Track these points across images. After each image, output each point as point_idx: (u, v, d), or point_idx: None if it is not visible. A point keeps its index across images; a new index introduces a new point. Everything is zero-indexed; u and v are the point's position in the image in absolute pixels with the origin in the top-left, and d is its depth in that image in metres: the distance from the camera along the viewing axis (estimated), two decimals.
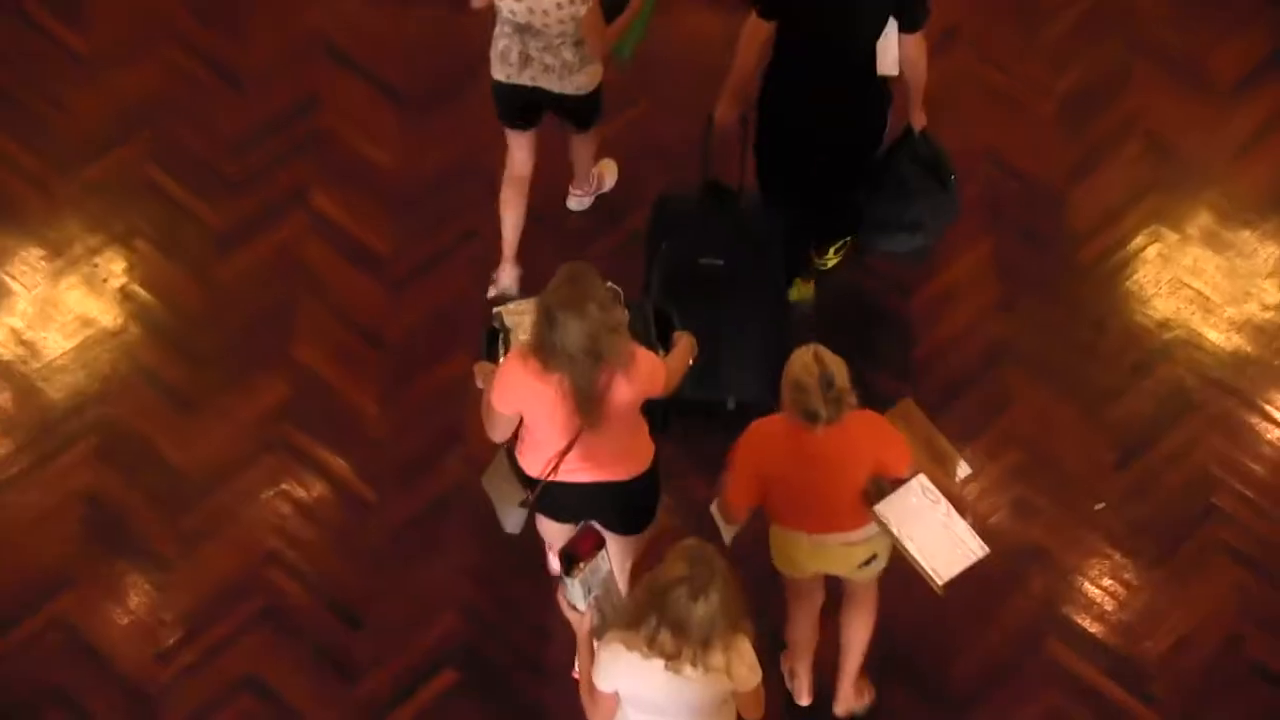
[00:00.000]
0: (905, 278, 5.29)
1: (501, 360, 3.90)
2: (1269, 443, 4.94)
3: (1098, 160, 5.63)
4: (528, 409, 3.65)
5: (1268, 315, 5.22)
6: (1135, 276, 5.34)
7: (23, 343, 5.10)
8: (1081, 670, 4.48)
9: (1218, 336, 5.17)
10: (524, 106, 4.82)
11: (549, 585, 4.29)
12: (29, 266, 5.27)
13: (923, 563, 3.60)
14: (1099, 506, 4.86)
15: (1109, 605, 4.61)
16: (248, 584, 4.60)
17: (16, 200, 5.47)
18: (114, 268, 5.30)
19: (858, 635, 4.14)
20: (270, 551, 4.66)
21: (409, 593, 4.63)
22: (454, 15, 5.54)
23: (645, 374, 3.58)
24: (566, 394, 3.49)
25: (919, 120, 4.51)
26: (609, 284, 3.57)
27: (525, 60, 4.64)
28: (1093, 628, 4.56)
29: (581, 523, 3.61)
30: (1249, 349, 5.16)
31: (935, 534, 3.61)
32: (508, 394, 3.61)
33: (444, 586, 4.64)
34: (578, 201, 5.46)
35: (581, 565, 3.10)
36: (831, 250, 5.15)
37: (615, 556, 3.71)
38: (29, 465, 4.81)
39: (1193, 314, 5.24)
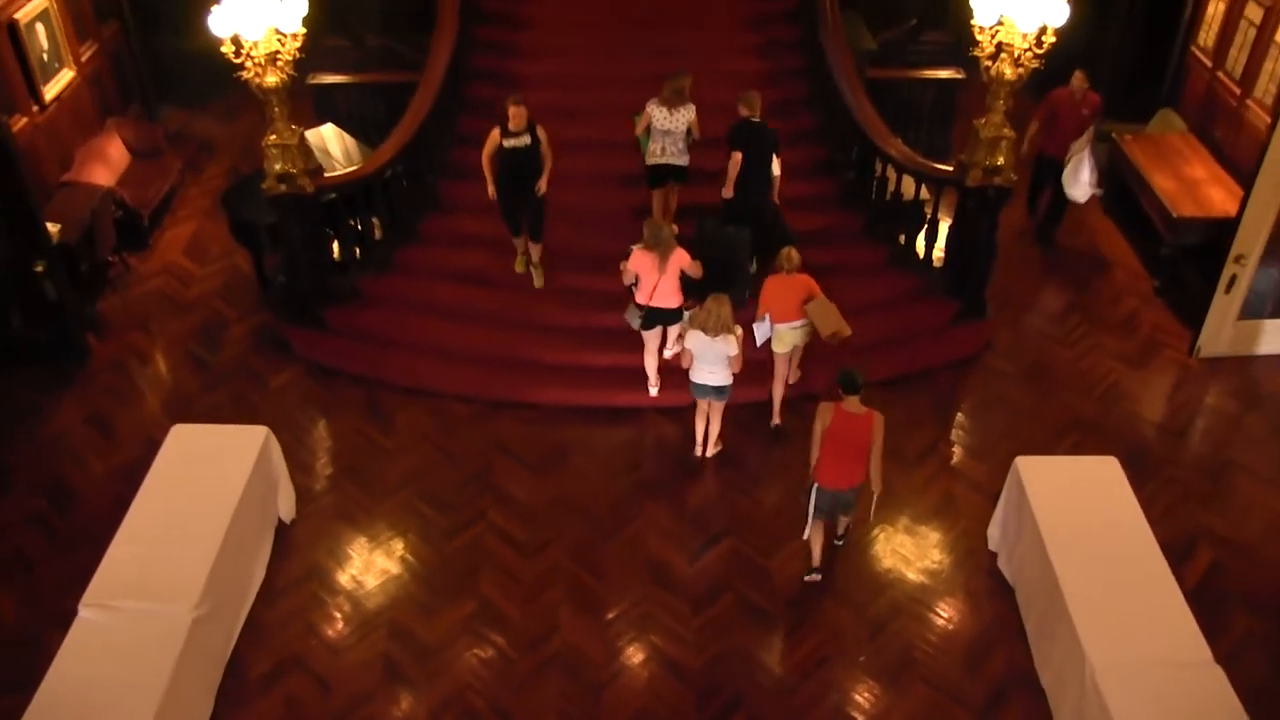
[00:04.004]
0: None
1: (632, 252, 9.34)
2: None
3: None
4: (641, 270, 9.21)
5: None
6: None
7: None
8: None
9: None
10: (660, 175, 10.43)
11: None
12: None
13: (816, 324, 9.06)
14: None
15: None
16: None
17: None
18: None
19: (781, 369, 9.59)
20: None
21: None
22: None
23: (682, 258, 9.17)
24: (655, 262, 9.12)
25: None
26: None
27: (663, 150, 10.25)
28: None
29: (657, 325, 9.45)
30: None
31: (823, 318, 9.07)
32: (634, 263, 9.26)
33: None
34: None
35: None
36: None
37: (670, 332, 9.67)
38: None
39: None
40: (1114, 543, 7.70)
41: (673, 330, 9.75)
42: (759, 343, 9.37)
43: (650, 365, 9.88)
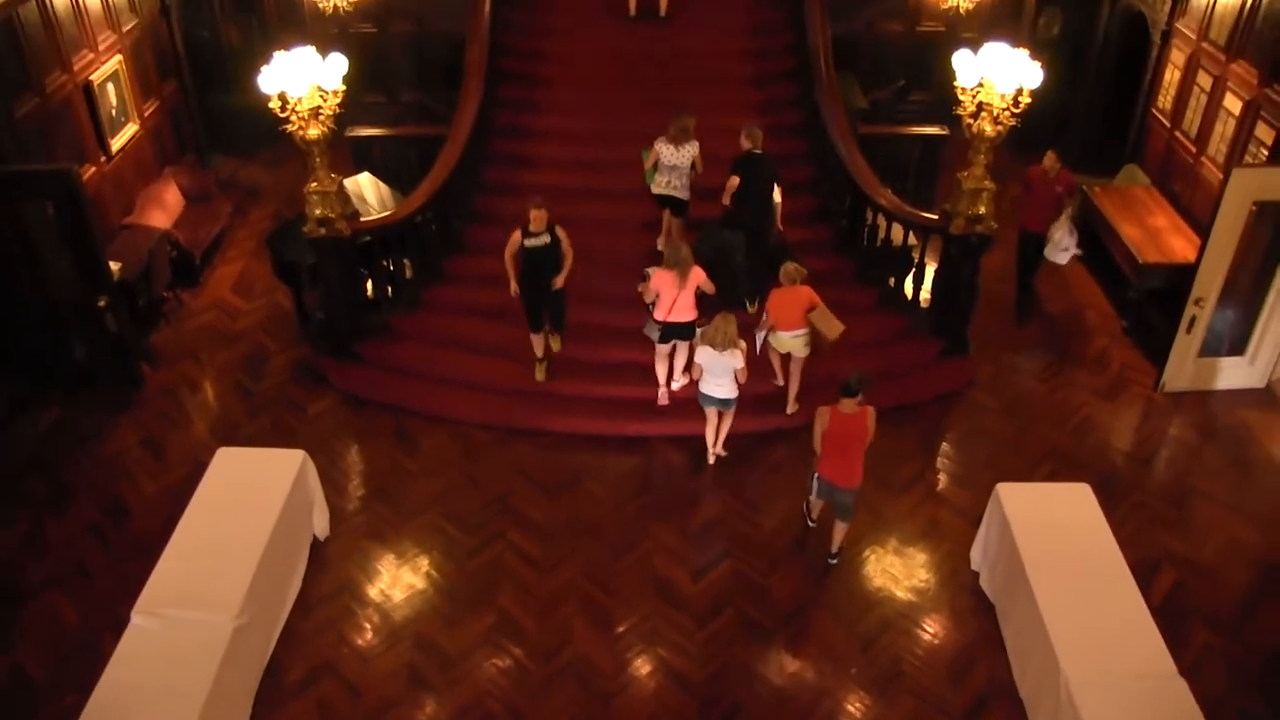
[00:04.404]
0: None
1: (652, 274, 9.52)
2: None
3: None
4: (662, 287, 9.31)
5: None
6: None
7: None
8: None
9: None
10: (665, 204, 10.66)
11: None
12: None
13: (821, 331, 9.33)
14: None
15: None
16: None
17: None
18: None
19: (794, 374, 9.87)
20: None
21: None
22: None
23: (699, 275, 9.33)
24: (675, 279, 9.24)
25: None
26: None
27: (668, 183, 10.46)
28: None
29: (673, 340, 9.59)
30: None
31: (827, 325, 9.31)
32: (656, 281, 9.38)
33: None
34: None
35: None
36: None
37: (680, 349, 9.77)
38: None
39: None
40: (1086, 563, 7.63)
41: (679, 360, 9.87)
42: (758, 348, 9.65)
43: (661, 372, 9.97)
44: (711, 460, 9.65)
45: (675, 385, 10.05)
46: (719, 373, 9.00)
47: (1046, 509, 8.09)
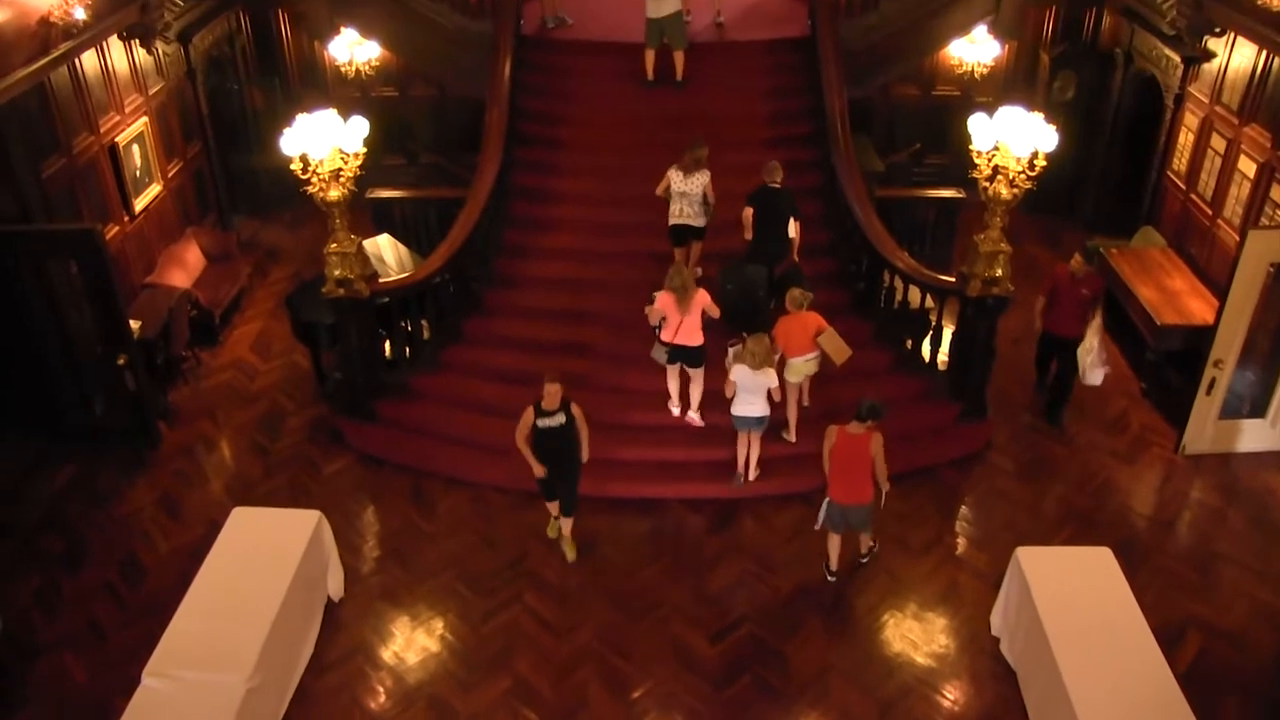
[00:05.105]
0: None
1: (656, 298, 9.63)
2: None
3: None
4: (666, 310, 9.51)
5: None
6: None
7: None
8: None
9: None
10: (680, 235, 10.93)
11: None
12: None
13: (829, 354, 9.62)
14: None
15: None
16: None
17: None
18: None
19: (798, 400, 10.16)
20: None
21: None
22: None
23: (705, 299, 9.55)
24: (678, 304, 9.45)
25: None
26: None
27: (681, 211, 10.81)
28: None
29: (679, 362, 9.82)
30: None
31: (835, 349, 9.64)
32: (660, 304, 9.53)
33: None
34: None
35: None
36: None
37: (692, 376, 10.02)
38: None
39: None
40: (1109, 629, 7.51)
41: (695, 396, 10.08)
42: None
43: (673, 388, 10.19)
44: (742, 484, 9.76)
45: (692, 416, 10.24)
46: (754, 390, 9.19)
47: (1067, 573, 7.98)
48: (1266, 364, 10.12)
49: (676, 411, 10.27)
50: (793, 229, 10.72)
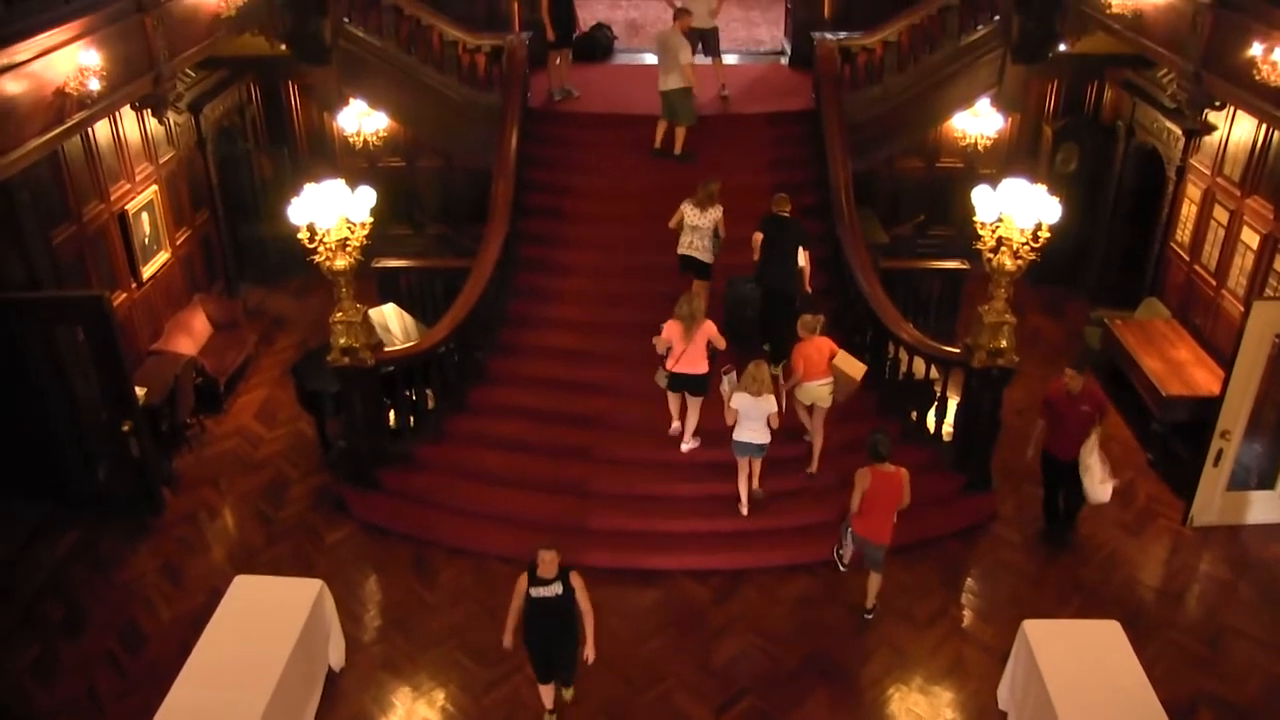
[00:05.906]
0: None
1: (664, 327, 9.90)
2: None
3: None
4: (672, 338, 9.82)
5: None
6: None
7: None
8: None
9: None
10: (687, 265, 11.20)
11: None
12: None
13: (844, 377, 9.95)
14: None
15: None
16: None
17: None
18: None
19: (818, 428, 10.33)
20: None
21: None
22: None
23: (710, 329, 9.90)
24: (681, 331, 9.79)
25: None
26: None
27: (690, 244, 11.17)
28: None
29: (681, 390, 10.20)
30: None
31: (850, 366, 9.97)
32: (667, 331, 9.85)
33: None
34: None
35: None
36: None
37: (689, 404, 10.34)
38: None
39: None
40: (1119, 703, 7.44)
41: (690, 424, 10.33)
42: (782, 405, 10.03)
43: (674, 408, 10.52)
44: (745, 511, 9.94)
45: (685, 447, 10.45)
46: (755, 417, 9.47)
47: (1075, 646, 7.92)
48: (1273, 435, 10.14)
49: (677, 433, 10.52)
50: (802, 258, 11.01)
